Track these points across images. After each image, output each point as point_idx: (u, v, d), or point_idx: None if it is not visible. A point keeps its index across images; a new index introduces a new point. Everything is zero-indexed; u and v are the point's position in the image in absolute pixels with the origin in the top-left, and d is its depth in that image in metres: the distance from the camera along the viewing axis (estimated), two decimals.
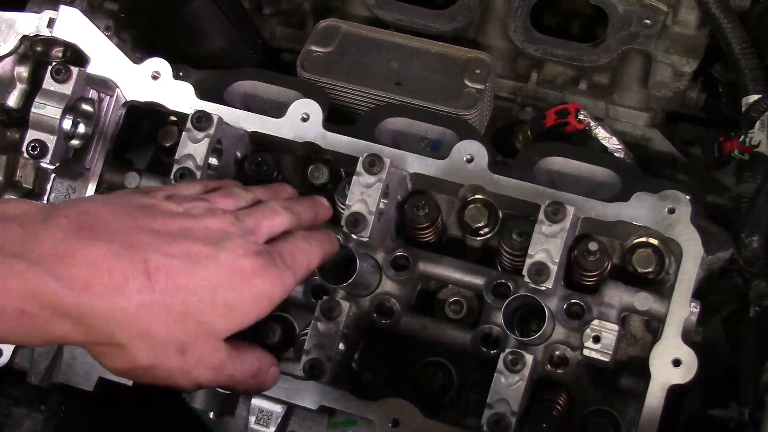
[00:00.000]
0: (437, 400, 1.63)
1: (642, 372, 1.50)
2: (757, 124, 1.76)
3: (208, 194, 1.43)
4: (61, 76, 1.68)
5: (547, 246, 1.49)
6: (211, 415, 1.72)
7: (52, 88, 1.68)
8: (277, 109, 1.71)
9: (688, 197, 1.53)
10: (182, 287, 1.24)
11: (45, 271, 1.17)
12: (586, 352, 1.51)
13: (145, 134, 1.86)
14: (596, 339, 1.51)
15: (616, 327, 1.51)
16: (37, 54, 1.78)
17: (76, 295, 1.18)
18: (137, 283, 1.21)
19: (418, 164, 1.62)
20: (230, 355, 1.33)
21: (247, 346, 1.41)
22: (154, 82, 1.71)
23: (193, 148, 1.57)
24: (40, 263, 1.18)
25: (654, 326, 1.58)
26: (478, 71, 1.89)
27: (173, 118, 1.76)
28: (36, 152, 1.65)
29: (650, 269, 1.57)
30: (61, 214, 1.24)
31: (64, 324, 1.19)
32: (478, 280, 1.60)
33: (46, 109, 1.67)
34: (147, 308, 1.22)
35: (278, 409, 1.63)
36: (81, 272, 1.18)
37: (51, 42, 1.77)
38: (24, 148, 1.66)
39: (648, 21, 1.99)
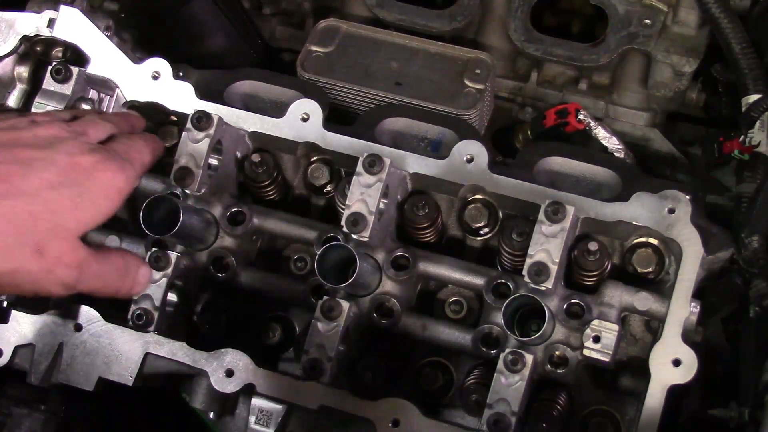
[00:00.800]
0: (437, 400, 1.63)
1: (642, 372, 1.50)
2: (757, 124, 1.76)
3: (27, 114, 1.49)
4: (61, 76, 1.68)
5: (547, 246, 1.49)
6: (211, 415, 1.72)
7: (53, 88, 1.68)
8: (277, 109, 1.71)
9: (688, 197, 1.53)
10: (22, 191, 1.27)
11: None
12: (586, 352, 1.51)
13: None
14: (596, 339, 1.51)
15: (616, 327, 1.51)
16: (37, 54, 1.78)
17: None
18: None
19: (418, 164, 1.62)
20: (92, 254, 1.36)
21: (111, 249, 1.46)
22: (154, 82, 1.71)
23: (193, 148, 1.57)
24: None
25: (654, 326, 1.59)
26: (478, 71, 1.89)
27: (173, 118, 1.76)
28: None
29: (650, 269, 1.57)
30: None
31: None
32: (478, 280, 1.60)
33: (46, 109, 1.67)
34: None
35: (278, 409, 1.62)
36: None
37: (51, 42, 1.77)
38: None
39: (648, 21, 1.99)
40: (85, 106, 1.71)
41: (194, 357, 1.61)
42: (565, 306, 1.54)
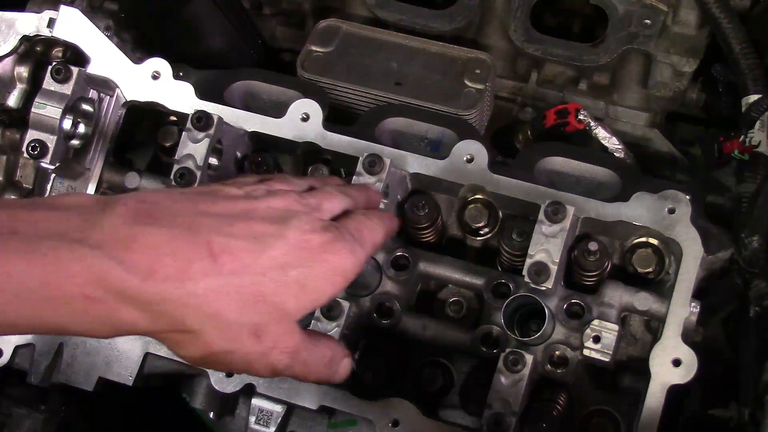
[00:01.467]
0: (437, 400, 1.63)
1: (642, 372, 1.50)
2: (757, 124, 1.76)
3: (265, 181, 1.40)
4: (61, 76, 1.68)
5: (547, 246, 1.49)
6: (211, 415, 1.72)
7: (52, 88, 1.68)
8: (277, 109, 1.71)
9: (688, 197, 1.53)
10: (250, 268, 1.20)
11: (107, 255, 1.14)
12: (586, 352, 1.51)
13: (145, 134, 1.86)
14: (596, 339, 1.51)
15: (616, 327, 1.51)
16: (37, 54, 1.78)
17: (140, 281, 1.14)
18: (203, 265, 1.17)
19: (418, 164, 1.62)
20: (304, 340, 1.28)
21: (320, 334, 1.37)
22: (154, 82, 1.71)
23: (193, 148, 1.57)
24: (102, 248, 1.14)
25: (654, 326, 1.59)
26: (478, 71, 1.89)
27: (173, 118, 1.76)
28: (36, 152, 1.65)
29: (650, 269, 1.57)
30: (120, 203, 1.21)
31: (130, 311, 1.15)
32: (478, 280, 1.60)
33: (46, 109, 1.67)
34: (216, 291, 1.18)
35: (278, 409, 1.62)
36: (143, 257, 1.15)
37: (51, 42, 1.77)
38: (24, 148, 1.66)
39: (648, 21, 1.99)
40: (86, 107, 1.71)
41: None
42: (565, 306, 1.54)
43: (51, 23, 1.73)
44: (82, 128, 1.71)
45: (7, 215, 1.18)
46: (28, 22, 1.74)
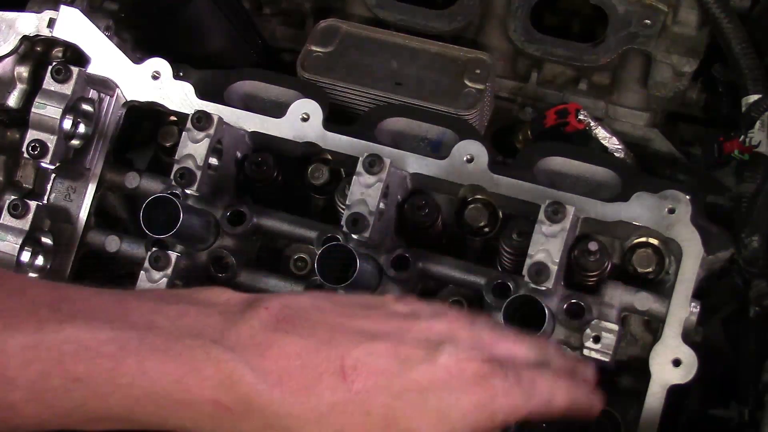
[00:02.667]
0: None
1: (642, 372, 1.50)
2: (757, 124, 1.75)
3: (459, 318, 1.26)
4: (61, 76, 1.68)
5: (547, 246, 1.49)
6: None
7: (53, 88, 1.68)
8: (277, 109, 1.71)
9: (688, 197, 1.53)
10: (384, 389, 1.12)
11: (241, 359, 1.10)
12: (586, 352, 1.51)
13: (145, 134, 1.86)
14: (596, 339, 1.51)
15: (616, 327, 1.51)
16: (38, 54, 1.78)
17: (269, 390, 1.10)
18: (331, 381, 1.11)
19: (418, 164, 1.62)
20: None
21: None
22: (154, 82, 1.71)
23: (193, 148, 1.57)
24: (237, 351, 1.11)
25: (654, 326, 1.58)
26: (478, 71, 1.89)
27: (173, 118, 1.76)
28: (36, 152, 1.65)
29: (650, 269, 1.57)
30: (263, 306, 1.17)
31: (254, 423, 1.11)
32: (478, 280, 1.60)
33: (47, 109, 1.67)
34: (340, 409, 1.11)
35: None
36: (275, 365, 1.11)
37: (51, 42, 1.77)
38: (24, 148, 1.66)
39: (648, 21, 1.99)
40: (86, 107, 1.71)
41: None
42: (565, 306, 1.54)
43: (51, 23, 1.73)
44: (82, 128, 1.71)
45: (149, 308, 1.16)
46: (28, 22, 1.74)
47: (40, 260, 1.70)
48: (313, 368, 1.12)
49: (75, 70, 1.69)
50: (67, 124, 1.68)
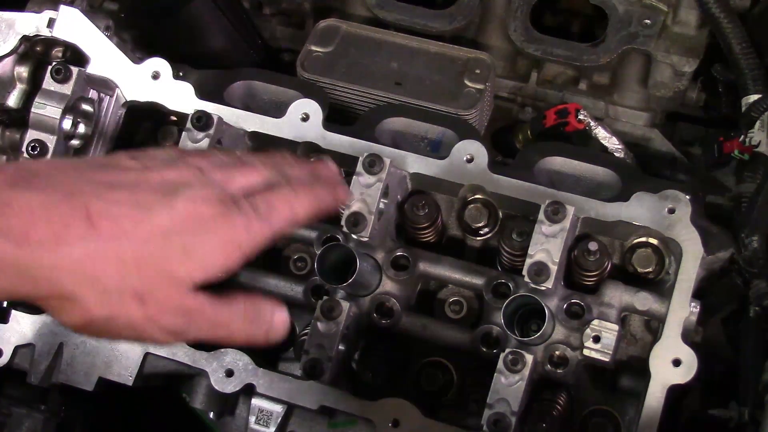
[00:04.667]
0: (437, 400, 1.63)
1: (642, 372, 1.50)
2: (757, 124, 1.76)
3: (185, 155, 1.36)
4: (61, 76, 1.68)
5: (547, 246, 1.49)
6: (211, 415, 1.72)
7: (52, 88, 1.68)
8: (277, 109, 1.71)
9: (688, 197, 1.53)
10: (130, 233, 1.18)
11: None
12: (586, 352, 1.51)
13: (145, 134, 1.86)
14: (596, 339, 1.51)
15: (616, 327, 1.51)
16: (37, 54, 1.78)
17: (15, 247, 1.13)
18: (79, 229, 1.15)
19: (418, 164, 1.62)
20: (207, 302, 1.24)
21: (238, 295, 1.31)
22: (154, 82, 1.71)
23: (193, 148, 1.57)
24: None
25: (654, 326, 1.59)
26: (478, 71, 1.89)
27: (173, 118, 1.76)
28: (36, 152, 1.65)
29: (650, 269, 1.57)
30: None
31: (8, 278, 1.15)
32: (478, 280, 1.60)
33: (46, 109, 1.67)
34: (93, 256, 1.16)
35: (278, 409, 1.63)
36: (18, 222, 1.14)
37: (51, 42, 1.77)
38: (24, 148, 1.66)
39: (648, 21, 1.99)
40: (86, 107, 1.71)
41: (194, 357, 1.61)
42: (565, 306, 1.54)
43: (51, 23, 1.73)
44: (82, 128, 1.71)
45: None
46: (28, 22, 1.74)
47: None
48: (59, 219, 1.15)
49: (75, 70, 1.69)
50: (67, 124, 1.68)
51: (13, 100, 1.78)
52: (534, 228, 1.50)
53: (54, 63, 1.70)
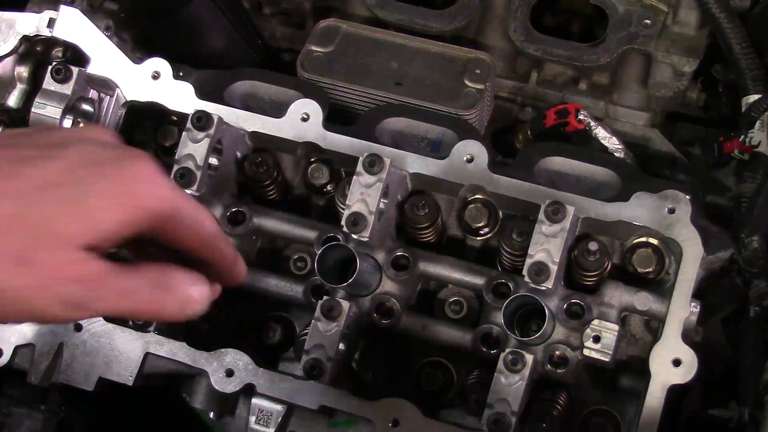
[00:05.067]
0: (437, 400, 1.63)
1: (642, 372, 1.50)
2: (757, 124, 1.76)
3: None
4: (61, 76, 1.68)
5: (547, 246, 1.49)
6: (211, 415, 1.72)
7: (53, 88, 1.68)
8: (277, 109, 1.71)
9: (688, 197, 1.53)
10: (6, 191, 1.03)
11: None
12: (586, 352, 1.51)
13: (145, 134, 1.86)
14: (596, 339, 1.51)
15: (616, 327, 1.51)
16: (38, 54, 1.78)
17: None
18: None
19: (418, 164, 1.62)
20: (110, 268, 1.07)
21: (145, 262, 1.14)
22: (154, 82, 1.71)
23: (193, 148, 1.57)
24: None
25: (654, 326, 1.59)
26: (478, 71, 1.89)
27: (173, 118, 1.76)
28: None
29: (650, 269, 1.57)
30: None
31: None
32: (478, 280, 1.60)
33: (47, 109, 1.67)
34: None
35: (278, 409, 1.63)
36: None
37: (51, 42, 1.77)
38: None
39: (648, 21, 1.99)
40: (86, 107, 1.71)
41: (194, 357, 1.61)
42: (565, 306, 1.54)
43: (51, 23, 1.73)
44: None
45: None
46: (28, 22, 1.74)
47: None
48: None
49: (75, 70, 1.69)
50: (67, 123, 1.68)
51: (13, 100, 1.78)
52: (534, 228, 1.50)
53: (54, 63, 1.70)
